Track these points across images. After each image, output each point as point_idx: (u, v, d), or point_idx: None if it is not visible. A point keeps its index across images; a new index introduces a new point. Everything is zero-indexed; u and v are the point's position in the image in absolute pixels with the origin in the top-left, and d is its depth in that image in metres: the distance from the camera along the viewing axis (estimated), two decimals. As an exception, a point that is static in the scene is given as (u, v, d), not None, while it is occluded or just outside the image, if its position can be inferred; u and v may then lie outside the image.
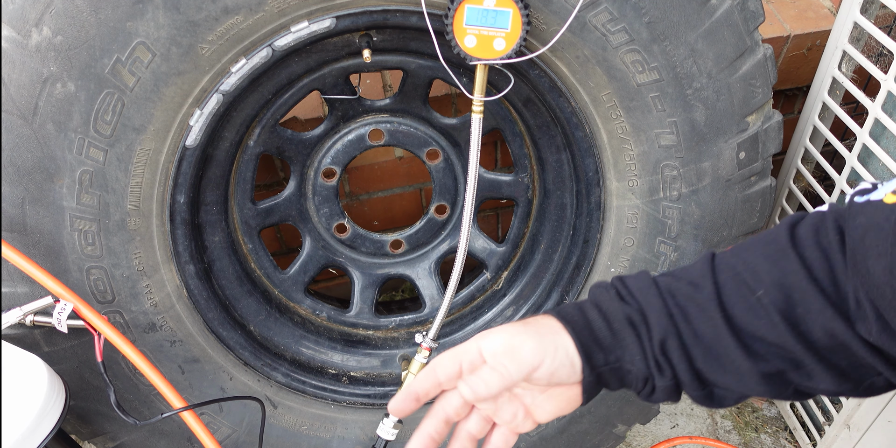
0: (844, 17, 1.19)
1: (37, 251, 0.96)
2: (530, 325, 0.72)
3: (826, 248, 0.64)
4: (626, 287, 0.73)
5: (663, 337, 0.69)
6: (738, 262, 0.69)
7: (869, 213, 0.60)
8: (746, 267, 0.68)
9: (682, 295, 0.70)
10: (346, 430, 1.25)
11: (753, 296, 0.66)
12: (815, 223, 0.66)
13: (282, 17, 0.94)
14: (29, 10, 0.85)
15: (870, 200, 0.61)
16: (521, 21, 0.92)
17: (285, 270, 1.32)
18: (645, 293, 0.71)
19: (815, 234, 0.65)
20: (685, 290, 0.70)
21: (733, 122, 1.06)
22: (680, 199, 1.11)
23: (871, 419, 1.30)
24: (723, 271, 0.70)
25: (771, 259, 0.67)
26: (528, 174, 1.32)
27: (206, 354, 1.12)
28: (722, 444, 1.53)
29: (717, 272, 0.70)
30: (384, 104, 1.24)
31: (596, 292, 0.75)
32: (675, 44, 0.99)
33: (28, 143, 0.90)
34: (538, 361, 0.68)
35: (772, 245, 0.68)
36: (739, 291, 0.68)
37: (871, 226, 0.58)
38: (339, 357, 1.31)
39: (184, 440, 1.16)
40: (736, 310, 0.68)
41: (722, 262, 0.71)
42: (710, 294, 0.68)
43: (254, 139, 1.17)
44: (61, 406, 0.86)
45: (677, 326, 0.69)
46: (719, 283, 0.69)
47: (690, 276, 0.71)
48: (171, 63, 0.92)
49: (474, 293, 1.39)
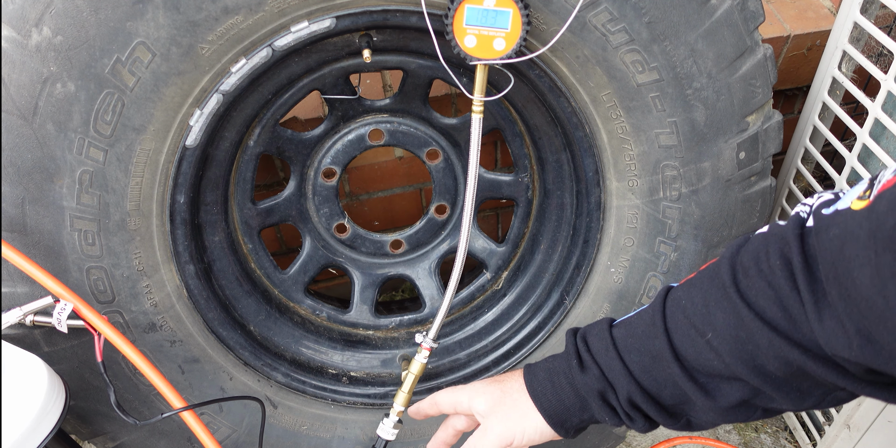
0: (844, 17, 1.19)
1: (37, 251, 0.96)
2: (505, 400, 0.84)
3: (769, 276, 0.64)
4: (588, 350, 0.80)
5: (629, 395, 0.76)
6: (688, 304, 0.72)
7: (840, 223, 0.58)
8: (695, 310, 0.71)
9: (637, 350, 0.76)
10: (346, 430, 1.25)
11: (703, 339, 0.69)
12: (755, 250, 0.66)
13: (282, 17, 0.94)
14: (29, 10, 0.85)
15: (837, 210, 0.60)
16: (521, 21, 0.92)
17: (285, 270, 1.32)
18: (604, 356, 0.78)
19: (756, 263, 0.65)
20: (639, 344, 0.76)
21: (733, 122, 1.06)
22: (680, 199, 1.11)
23: (871, 419, 1.30)
24: (673, 316, 0.73)
25: (714, 299, 0.69)
26: (528, 174, 1.32)
27: (206, 354, 1.12)
28: (722, 444, 1.53)
29: (668, 319, 0.74)
30: (384, 104, 1.24)
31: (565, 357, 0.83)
32: (675, 44, 0.99)
33: (28, 143, 0.90)
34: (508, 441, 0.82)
35: (715, 281, 0.69)
36: (689, 336, 0.71)
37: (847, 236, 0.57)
38: (339, 357, 1.31)
39: (184, 440, 1.16)
40: (688, 354, 0.71)
41: (672, 304, 0.74)
42: (663, 343, 0.72)
43: (254, 139, 1.17)
44: (61, 406, 0.86)
45: (638, 382, 0.75)
46: (670, 330, 0.73)
47: (644, 326, 0.76)
48: (171, 63, 0.92)
49: (474, 293, 1.39)
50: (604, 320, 0.82)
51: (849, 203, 0.59)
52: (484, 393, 0.86)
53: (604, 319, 0.83)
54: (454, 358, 1.31)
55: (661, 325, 0.73)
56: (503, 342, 1.29)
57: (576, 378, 0.79)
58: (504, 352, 1.27)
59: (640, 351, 0.75)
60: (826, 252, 0.59)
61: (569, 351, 0.82)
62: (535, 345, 1.24)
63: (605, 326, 0.81)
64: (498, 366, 1.26)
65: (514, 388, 0.84)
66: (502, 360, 1.27)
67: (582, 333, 0.83)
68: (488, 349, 1.30)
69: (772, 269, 0.64)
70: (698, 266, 1.16)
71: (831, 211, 0.60)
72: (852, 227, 0.56)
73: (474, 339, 1.33)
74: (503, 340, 1.29)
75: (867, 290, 0.55)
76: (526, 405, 0.82)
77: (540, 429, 0.82)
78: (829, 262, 0.59)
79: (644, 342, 0.75)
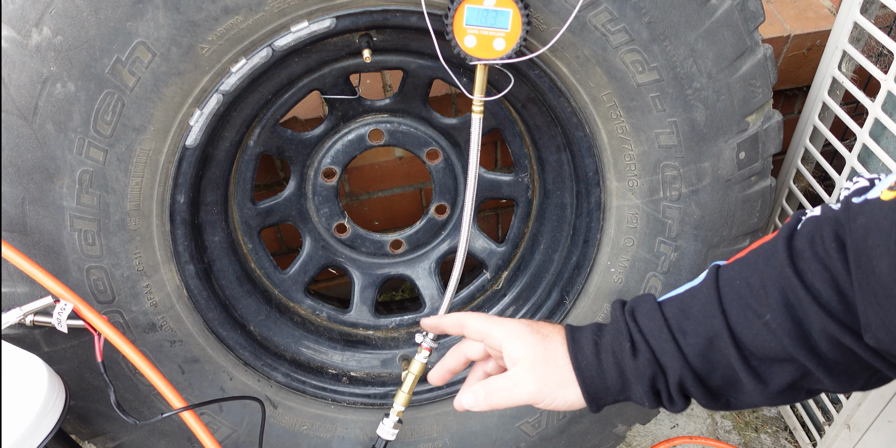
0: (844, 17, 1.19)
1: (37, 251, 0.96)
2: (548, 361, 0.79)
3: (824, 259, 0.64)
4: (639, 330, 0.76)
5: (680, 379, 0.74)
6: (743, 284, 0.71)
7: (868, 212, 0.59)
8: (750, 290, 0.70)
9: (693, 332, 0.73)
10: (346, 430, 1.25)
11: (761, 321, 0.68)
12: (811, 233, 0.67)
13: (282, 17, 0.94)
14: (29, 10, 0.85)
15: (867, 200, 0.61)
16: (521, 21, 0.92)
17: (285, 270, 1.32)
18: (657, 336, 0.75)
19: (812, 246, 0.66)
20: (695, 327, 0.73)
21: (733, 122, 1.06)
22: (680, 199, 1.11)
23: (871, 419, 1.30)
24: (729, 296, 0.72)
25: (772, 280, 0.68)
26: (528, 174, 1.32)
27: (206, 354, 1.12)
28: (722, 444, 1.53)
29: (723, 299, 0.72)
30: (384, 104, 1.24)
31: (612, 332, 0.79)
32: (675, 44, 0.99)
33: (28, 143, 0.90)
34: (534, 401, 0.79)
35: (771, 262, 0.69)
36: (746, 317, 0.70)
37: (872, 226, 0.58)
38: (339, 357, 1.31)
39: (184, 440, 1.16)
40: (745, 336, 0.70)
41: (726, 283, 0.73)
42: (721, 324, 0.71)
43: (254, 139, 1.17)
44: (61, 406, 0.86)
45: (691, 366, 0.73)
46: (727, 312, 0.71)
47: (698, 304, 0.74)
48: (171, 63, 0.92)
49: (474, 293, 1.39)
50: (648, 296, 0.80)
51: (879, 193, 0.60)
52: (523, 339, 0.81)
53: (648, 296, 0.80)
54: (454, 358, 1.31)
55: (718, 306, 0.71)
56: (503, 342, 1.29)
57: (626, 361, 0.76)
58: (504, 352, 1.27)
59: (696, 332, 0.73)
60: (852, 240, 0.60)
61: (618, 327, 0.78)
62: (535, 345, 1.24)
63: (654, 304, 0.78)
64: (498, 366, 1.27)
65: (557, 352, 0.80)
66: (502, 360, 1.27)
67: (630, 309, 0.79)
68: (488, 349, 1.30)
69: (827, 252, 0.64)
70: (698, 266, 1.16)
71: (861, 200, 0.61)
72: (878, 218, 0.58)
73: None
74: (503, 340, 1.29)
75: (885, 279, 0.56)
76: (567, 375, 0.78)
77: (571, 401, 0.79)
78: (854, 250, 0.60)
79: (700, 323, 0.73)
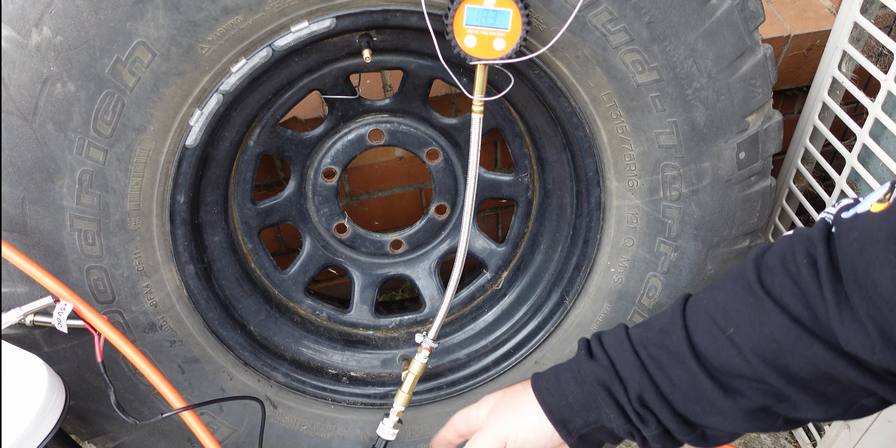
0: (844, 17, 1.19)
1: (37, 251, 0.96)
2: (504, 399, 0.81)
3: (794, 275, 0.63)
4: (600, 344, 0.77)
5: (640, 391, 0.72)
6: (709, 302, 0.70)
7: (860, 226, 0.59)
8: (716, 307, 0.69)
9: (654, 344, 0.73)
10: (346, 430, 1.25)
11: (724, 335, 0.67)
12: (782, 250, 0.66)
13: (282, 17, 0.94)
14: (29, 10, 0.85)
15: (857, 214, 0.60)
16: (521, 21, 0.92)
17: (285, 270, 1.32)
18: (617, 348, 0.75)
19: (783, 262, 0.65)
20: (656, 339, 0.73)
21: (733, 122, 1.06)
22: (680, 199, 1.11)
23: (871, 419, 1.30)
24: (693, 314, 0.71)
25: (738, 296, 0.67)
26: (528, 174, 1.32)
27: (206, 354, 1.12)
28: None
29: (687, 316, 0.71)
30: (384, 104, 1.24)
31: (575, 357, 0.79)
32: (675, 44, 0.99)
33: (28, 143, 0.90)
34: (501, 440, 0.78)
35: (739, 281, 0.68)
36: (709, 332, 0.69)
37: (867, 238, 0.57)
38: (339, 357, 1.31)
39: (184, 440, 1.16)
40: (708, 351, 0.69)
41: (693, 304, 0.72)
42: (681, 338, 0.70)
43: (254, 139, 1.17)
44: (61, 406, 0.86)
45: (652, 378, 0.72)
46: (689, 327, 0.70)
47: (662, 323, 0.74)
48: (171, 63, 0.92)
49: (474, 293, 1.39)
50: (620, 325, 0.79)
51: (868, 206, 0.59)
52: (489, 398, 0.84)
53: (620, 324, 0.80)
54: (454, 358, 1.31)
55: (680, 322, 0.71)
56: (503, 342, 1.29)
57: (582, 368, 0.75)
58: (504, 352, 1.27)
59: (657, 345, 0.72)
60: (846, 255, 0.59)
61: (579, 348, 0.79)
62: (535, 345, 1.24)
63: (621, 327, 0.78)
64: (498, 366, 1.26)
65: (516, 389, 0.81)
66: (502, 360, 1.27)
67: (596, 334, 0.80)
68: (488, 349, 1.30)
69: (798, 268, 0.63)
70: (698, 266, 1.16)
71: (851, 214, 0.61)
72: (872, 230, 0.57)
73: (474, 339, 1.33)
74: (503, 340, 1.29)
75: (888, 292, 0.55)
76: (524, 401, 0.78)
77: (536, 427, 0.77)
78: (849, 264, 0.59)
79: (661, 337, 0.72)
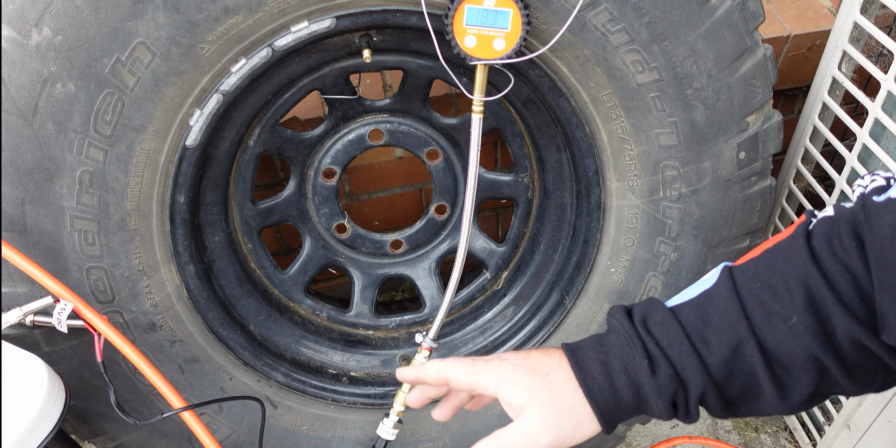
0: (844, 17, 1.19)
1: (37, 251, 0.96)
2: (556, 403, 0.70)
3: (843, 259, 0.63)
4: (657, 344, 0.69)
5: (702, 393, 0.68)
6: (764, 287, 0.66)
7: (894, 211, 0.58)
8: (773, 293, 0.66)
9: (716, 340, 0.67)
10: (346, 430, 1.25)
11: (786, 324, 0.65)
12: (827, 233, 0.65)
13: (282, 17, 0.94)
14: (29, 10, 0.85)
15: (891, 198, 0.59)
16: (521, 21, 0.92)
17: (285, 270, 1.32)
18: (678, 350, 0.68)
19: (830, 246, 0.64)
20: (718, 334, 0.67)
21: (733, 122, 1.06)
22: (680, 199, 1.11)
23: (871, 419, 1.30)
24: (749, 299, 0.67)
25: (796, 281, 0.64)
26: (528, 174, 1.32)
27: (206, 354, 1.12)
28: (722, 444, 1.53)
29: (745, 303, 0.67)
30: (384, 104, 1.24)
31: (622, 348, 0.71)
32: (675, 44, 0.99)
33: (28, 143, 0.90)
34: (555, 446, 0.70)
35: (793, 262, 0.65)
36: (772, 322, 0.65)
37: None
38: (339, 357, 1.31)
39: (184, 440, 1.16)
40: (771, 342, 0.66)
41: (745, 286, 0.68)
42: (746, 331, 0.66)
43: (254, 139, 1.17)
44: (61, 406, 0.86)
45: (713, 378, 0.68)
46: (750, 317, 0.66)
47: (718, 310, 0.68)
48: (171, 63, 0.92)
49: (474, 293, 1.39)
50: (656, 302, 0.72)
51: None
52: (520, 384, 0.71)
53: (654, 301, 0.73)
54: (454, 358, 1.31)
55: (740, 311, 0.66)
56: (503, 342, 1.29)
57: (643, 379, 0.69)
58: (504, 352, 1.27)
59: (719, 341, 0.67)
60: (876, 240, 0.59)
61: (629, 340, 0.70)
62: (535, 345, 1.24)
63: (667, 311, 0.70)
64: (498, 366, 1.26)
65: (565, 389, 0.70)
66: (502, 360, 1.27)
67: (641, 318, 0.71)
68: (488, 349, 1.30)
69: (846, 251, 0.62)
70: (698, 266, 1.16)
71: (884, 198, 0.60)
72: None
73: (474, 339, 1.33)
74: (503, 340, 1.29)
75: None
76: (581, 410, 0.70)
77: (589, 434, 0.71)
78: (877, 249, 0.58)
79: (722, 331, 0.67)
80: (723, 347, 0.67)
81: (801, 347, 0.64)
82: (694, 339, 0.68)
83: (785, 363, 0.66)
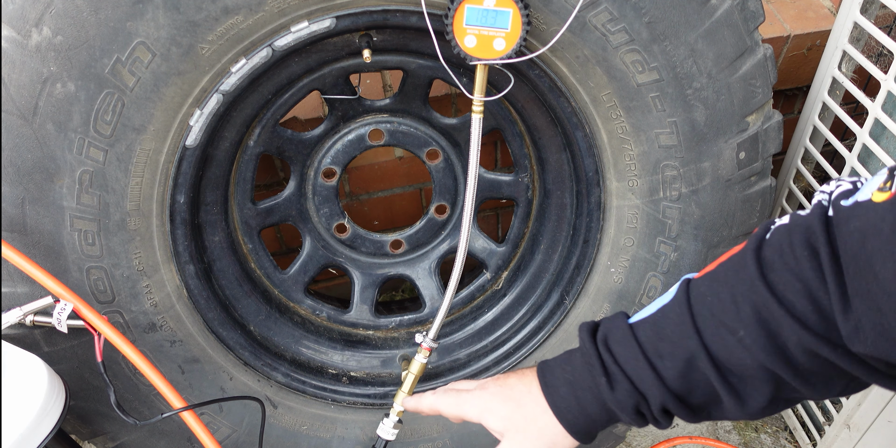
0: (844, 17, 1.19)
1: (37, 251, 0.96)
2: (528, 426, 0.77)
3: (795, 269, 0.63)
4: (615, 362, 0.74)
5: (662, 403, 0.72)
6: (714, 300, 0.69)
7: (861, 215, 0.57)
8: (722, 306, 0.68)
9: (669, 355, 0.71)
10: (346, 430, 1.25)
11: (734, 337, 0.67)
12: (779, 242, 0.65)
13: (282, 17, 0.94)
14: (29, 10, 0.85)
15: (858, 202, 0.59)
16: (521, 21, 0.92)
17: (285, 270, 1.32)
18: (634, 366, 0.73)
19: (782, 256, 0.64)
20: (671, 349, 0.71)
21: (733, 122, 1.06)
22: (680, 199, 1.11)
23: (871, 419, 1.30)
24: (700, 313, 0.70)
25: (743, 295, 0.67)
26: (528, 174, 1.32)
27: (206, 354, 1.12)
28: (722, 444, 1.53)
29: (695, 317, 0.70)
30: (384, 104, 1.24)
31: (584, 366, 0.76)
32: (675, 44, 0.99)
33: (28, 143, 0.90)
34: None
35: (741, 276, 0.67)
36: (721, 335, 0.68)
37: (869, 229, 0.56)
38: (339, 357, 1.31)
39: (184, 440, 1.16)
40: (721, 354, 0.69)
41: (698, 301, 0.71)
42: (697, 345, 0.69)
43: (254, 139, 1.17)
44: (61, 406, 0.86)
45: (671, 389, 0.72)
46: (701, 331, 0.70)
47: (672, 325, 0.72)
48: (171, 63, 0.92)
49: (474, 293, 1.39)
50: (620, 318, 0.77)
51: (869, 195, 0.57)
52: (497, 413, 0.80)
53: (619, 317, 0.77)
54: (454, 358, 1.31)
55: (691, 325, 0.70)
56: (503, 342, 1.29)
57: (605, 395, 0.74)
58: (504, 352, 1.27)
59: (673, 355, 0.71)
60: (846, 245, 0.58)
61: (590, 360, 0.76)
62: (535, 345, 1.24)
63: (626, 328, 0.75)
64: (498, 366, 1.26)
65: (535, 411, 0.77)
66: (502, 360, 1.27)
67: (602, 337, 0.76)
68: (488, 349, 1.30)
69: (798, 261, 0.62)
70: (698, 266, 1.16)
71: (851, 202, 0.59)
72: (874, 221, 0.55)
73: (474, 339, 1.33)
74: (503, 340, 1.29)
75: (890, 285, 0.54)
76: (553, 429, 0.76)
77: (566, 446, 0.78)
78: (849, 255, 0.58)
79: (675, 345, 0.71)
80: (677, 361, 0.71)
81: (750, 359, 0.67)
82: (650, 354, 0.72)
83: (738, 373, 0.69)
